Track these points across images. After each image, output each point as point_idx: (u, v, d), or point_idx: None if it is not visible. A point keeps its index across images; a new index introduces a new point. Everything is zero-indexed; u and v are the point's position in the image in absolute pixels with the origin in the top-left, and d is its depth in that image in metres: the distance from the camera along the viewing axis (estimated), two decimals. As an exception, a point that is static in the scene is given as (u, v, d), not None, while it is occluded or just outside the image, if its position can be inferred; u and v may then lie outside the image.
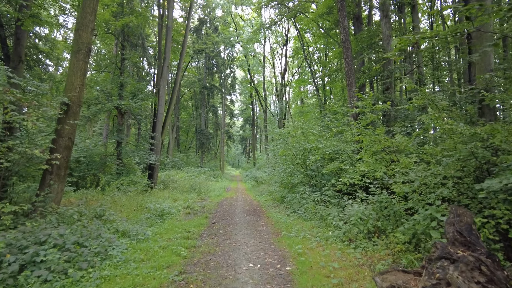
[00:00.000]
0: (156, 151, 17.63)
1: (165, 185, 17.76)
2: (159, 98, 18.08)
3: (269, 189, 15.31)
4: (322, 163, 10.52)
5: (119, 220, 7.33)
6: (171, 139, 31.43)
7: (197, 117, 39.31)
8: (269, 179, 18.71)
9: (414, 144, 7.49)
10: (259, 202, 12.95)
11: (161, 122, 18.21)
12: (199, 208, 11.54)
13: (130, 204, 10.49)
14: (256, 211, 10.79)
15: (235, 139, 48.82)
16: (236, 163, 63.97)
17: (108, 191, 12.85)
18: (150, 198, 13.32)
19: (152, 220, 8.67)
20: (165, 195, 14.53)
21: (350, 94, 10.84)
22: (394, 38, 11.62)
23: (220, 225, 8.40)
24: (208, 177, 26.18)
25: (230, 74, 36.54)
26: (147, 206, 10.00)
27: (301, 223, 8.03)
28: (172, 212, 10.01)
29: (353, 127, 9.37)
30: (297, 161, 11.21)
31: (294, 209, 9.53)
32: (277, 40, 32.68)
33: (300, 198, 9.78)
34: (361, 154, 7.69)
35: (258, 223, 8.53)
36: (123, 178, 16.02)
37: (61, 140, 6.93)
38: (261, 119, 42.62)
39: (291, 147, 11.64)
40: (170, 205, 11.00)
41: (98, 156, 18.05)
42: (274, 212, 10.11)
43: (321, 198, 9.05)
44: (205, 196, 15.75)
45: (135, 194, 13.65)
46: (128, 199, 11.65)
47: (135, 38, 23.45)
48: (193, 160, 34.12)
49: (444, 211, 4.51)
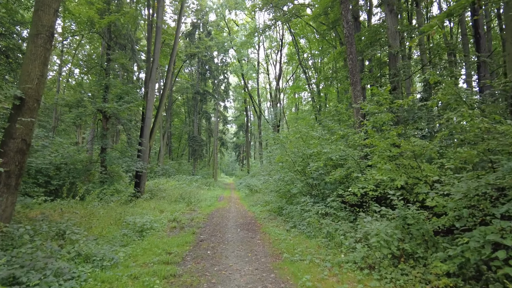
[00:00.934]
0: (143, 158, 16.26)
1: (153, 195, 16.34)
2: (147, 101, 16.79)
3: (264, 199, 13.98)
4: (324, 170, 9.27)
5: (84, 240, 5.93)
6: (162, 146, 29.96)
7: (189, 124, 37.94)
8: (264, 187, 17.38)
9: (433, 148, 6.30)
10: (254, 214, 11.60)
11: (149, 127, 16.90)
12: (186, 221, 10.15)
13: (107, 217, 9.09)
14: (250, 224, 9.45)
15: (229, 146, 47.44)
16: (230, 171, 62.46)
17: (87, 202, 11.44)
18: (133, 209, 11.92)
19: (129, 237, 7.27)
20: (151, 205, 13.12)
21: (354, 93, 9.68)
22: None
23: (209, 243, 7.04)
24: (200, 185, 24.73)
25: (224, 80, 35.40)
26: (126, 220, 8.59)
27: (304, 241, 6.72)
28: (154, 226, 8.62)
29: (360, 129, 8.19)
30: (296, 168, 9.94)
31: (295, 223, 8.22)
32: (271, 45, 31.75)
33: (301, 211, 8.48)
34: (374, 159, 6.46)
35: (253, 241, 7.19)
36: (106, 187, 14.60)
37: (11, 142, 5.55)
38: (255, 125, 41.42)
39: (289, 152, 10.38)
40: (153, 218, 9.59)
41: (80, 163, 16.60)
42: (272, 226, 8.78)
43: (326, 211, 7.77)
44: (195, 207, 14.34)
45: (117, 204, 12.25)
46: (108, 210, 10.26)
47: (124, 39, 22.20)
48: (185, 168, 32.61)
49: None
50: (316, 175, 9.16)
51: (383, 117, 6.26)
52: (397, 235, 4.76)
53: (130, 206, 12.74)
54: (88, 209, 10.01)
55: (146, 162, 16.37)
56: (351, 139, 8.37)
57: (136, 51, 22.88)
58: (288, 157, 10.34)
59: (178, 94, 35.54)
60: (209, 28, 32.42)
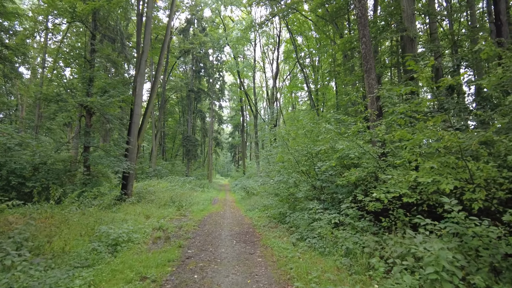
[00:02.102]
0: (130, 158, 14.70)
1: (141, 197, 14.76)
2: (136, 96, 15.24)
3: (262, 202, 12.49)
4: (334, 170, 7.81)
5: (26, 264, 4.38)
6: (155, 145, 28.28)
7: (183, 123, 36.29)
8: (261, 190, 15.90)
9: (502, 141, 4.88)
10: (251, 220, 10.10)
11: (137, 125, 15.33)
12: (174, 230, 8.62)
13: (79, 226, 7.54)
14: (248, 234, 7.94)
15: (224, 147, 45.80)
16: (225, 172, 60.83)
17: (64, 206, 9.88)
18: (115, 214, 10.38)
19: (97, 254, 5.73)
20: (137, 210, 11.57)
21: (369, 82, 8.25)
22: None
23: (197, 262, 5.52)
24: (193, 187, 23.13)
25: (219, 78, 33.85)
26: (100, 229, 7.03)
27: (318, 260, 5.23)
28: (133, 238, 7.08)
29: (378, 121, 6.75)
30: (300, 168, 8.47)
31: (302, 234, 6.73)
32: (268, 41, 30.29)
33: (308, 219, 7.00)
34: (406, 154, 5.01)
35: (252, 259, 5.68)
36: (88, 190, 13.02)
37: None
38: (251, 125, 39.90)
39: (291, 151, 8.91)
40: (133, 227, 8.04)
41: (61, 163, 14.97)
42: (274, 236, 7.28)
43: (340, 219, 6.31)
44: (186, 211, 12.79)
45: (98, 209, 10.71)
46: (84, 217, 8.73)
47: (113, 33, 20.60)
48: (179, 169, 30.93)
49: None
50: (326, 176, 7.69)
51: (421, 102, 4.80)
52: (459, 262, 3.31)
53: (112, 211, 11.17)
54: (62, 215, 8.46)
55: (133, 162, 14.80)
56: (367, 134, 6.92)
57: (126, 45, 21.28)
58: (291, 156, 8.86)
59: (171, 92, 33.92)
60: (204, 24, 30.90)
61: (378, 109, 7.78)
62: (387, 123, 6.49)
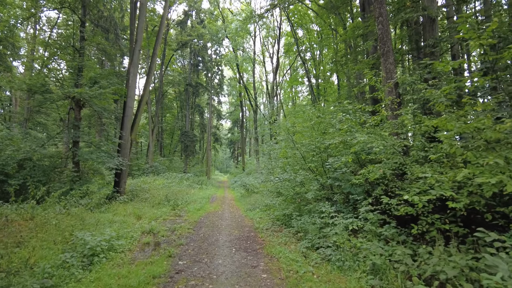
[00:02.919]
0: (123, 153, 13.65)
1: (134, 196, 13.73)
2: (129, 88, 14.16)
3: (264, 201, 11.46)
4: (348, 167, 6.77)
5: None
6: (151, 141, 27.18)
7: (182, 119, 35.15)
8: (262, 187, 14.86)
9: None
10: (252, 222, 9.06)
11: (130, 118, 14.26)
12: (166, 234, 7.58)
13: (56, 231, 6.51)
14: (250, 239, 6.91)
15: (223, 142, 44.69)
16: (224, 168, 59.83)
17: (46, 206, 8.82)
18: (103, 215, 9.35)
19: (67, 268, 4.69)
20: (128, 210, 10.53)
21: (386, 67, 7.18)
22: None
23: (188, 279, 4.48)
24: (191, 183, 22.08)
25: (218, 72, 32.66)
26: (76, 235, 5.98)
27: (337, 278, 4.20)
28: (116, 246, 6.03)
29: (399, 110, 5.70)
30: (308, 165, 7.42)
31: (312, 242, 5.68)
32: (268, 34, 29.08)
33: (320, 223, 5.96)
34: (448, 147, 3.96)
35: (256, 274, 4.65)
36: (76, 187, 11.97)
37: None
38: (250, 121, 38.78)
39: (298, 145, 7.85)
40: (120, 230, 7.00)
41: (48, 160, 13.90)
42: (279, 243, 6.25)
43: (358, 225, 5.27)
44: (182, 211, 11.75)
45: (85, 209, 9.69)
46: (67, 218, 7.72)
47: (106, 23, 19.42)
48: (177, 165, 29.85)
49: None
50: (339, 174, 6.64)
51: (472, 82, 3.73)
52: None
53: (100, 211, 10.14)
54: (41, 217, 7.42)
55: (126, 158, 13.75)
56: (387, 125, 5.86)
57: (120, 36, 20.11)
58: (297, 151, 7.81)
59: (169, 86, 32.73)
60: (202, 16, 29.67)
61: (398, 97, 6.72)
62: (413, 112, 5.44)
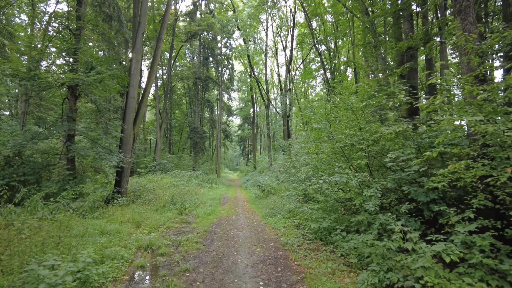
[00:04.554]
0: (125, 149, 11.92)
1: (136, 197, 11.98)
2: (131, 76, 12.39)
3: (285, 206, 9.52)
4: (420, 165, 4.76)
5: None
6: (159, 137, 25.47)
7: (191, 115, 33.39)
8: (280, 187, 12.90)
9: None
10: (276, 233, 7.13)
11: (133, 110, 12.50)
12: (167, 251, 5.70)
13: (27, 248, 4.72)
14: (279, 264, 4.96)
15: (233, 139, 42.79)
16: (234, 166, 58.01)
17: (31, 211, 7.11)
18: (95, 222, 7.60)
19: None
20: (126, 215, 8.74)
21: (465, 27, 5.14)
22: None
23: None
24: (200, 182, 20.25)
25: (228, 66, 30.72)
26: (32, 267, 4.08)
27: None
28: (94, 276, 4.16)
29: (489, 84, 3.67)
30: (358, 161, 5.42)
31: (379, 275, 3.71)
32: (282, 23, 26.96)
33: (385, 246, 3.97)
34: None
35: None
36: (69, 188, 10.28)
37: None
38: (261, 117, 36.76)
39: (341, 136, 5.86)
40: (107, 249, 5.16)
41: (41, 156, 12.26)
42: (324, 273, 4.29)
43: (457, 254, 3.27)
44: (190, 215, 9.90)
45: (74, 215, 7.95)
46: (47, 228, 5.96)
47: (109, 8, 17.71)
48: (186, 163, 28.08)
49: None
50: (404, 175, 4.62)
51: None
52: None
53: (93, 216, 8.36)
54: (20, 223, 5.65)
55: (129, 154, 12.00)
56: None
57: (124, 22, 18.36)
58: (339, 143, 5.81)
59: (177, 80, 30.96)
60: (212, 6, 27.78)
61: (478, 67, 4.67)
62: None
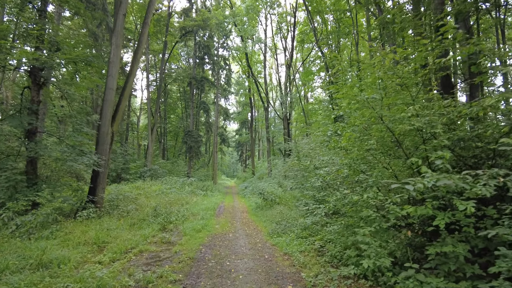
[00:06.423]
0: (101, 150, 9.67)
1: (113, 207, 9.63)
2: (110, 65, 10.20)
3: (298, 220, 7.25)
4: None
5: None
6: (151, 141, 23.14)
7: (186, 119, 31.13)
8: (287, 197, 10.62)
9: None
10: (291, 262, 4.87)
11: (112, 104, 10.29)
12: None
13: None
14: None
15: (230, 144, 40.42)
16: (231, 172, 55.55)
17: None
18: (39, 244, 5.25)
19: None
20: (89, 233, 6.40)
21: None
22: None
23: None
24: (194, 189, 17.86)
25: (225, 67, 28.67)
26: None
27: None
28: None
29: None
30: (438, 154, 3.20)
31: None
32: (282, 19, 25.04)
33: None
34: None
35: None
36: (21, 197, 7.88)
37: None
38: (260, 120, 34.57)
39: (397, 117, 3.65)
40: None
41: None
42: None
43: None
44: (174, 233, 7.56)
45: (20, 233, 5.65)
46: None
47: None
48: (180, 169, 25.72)
49: None
50: None
51: None
52: None
53: (42, 235, 5.99)
54: None
55: (106, 155, 9.75)
56: None
57: (109, 11, 16.27)
58: (399, 125, 3.59)
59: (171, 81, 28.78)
60: (208, 4, 25.87)
61: None
62: None
